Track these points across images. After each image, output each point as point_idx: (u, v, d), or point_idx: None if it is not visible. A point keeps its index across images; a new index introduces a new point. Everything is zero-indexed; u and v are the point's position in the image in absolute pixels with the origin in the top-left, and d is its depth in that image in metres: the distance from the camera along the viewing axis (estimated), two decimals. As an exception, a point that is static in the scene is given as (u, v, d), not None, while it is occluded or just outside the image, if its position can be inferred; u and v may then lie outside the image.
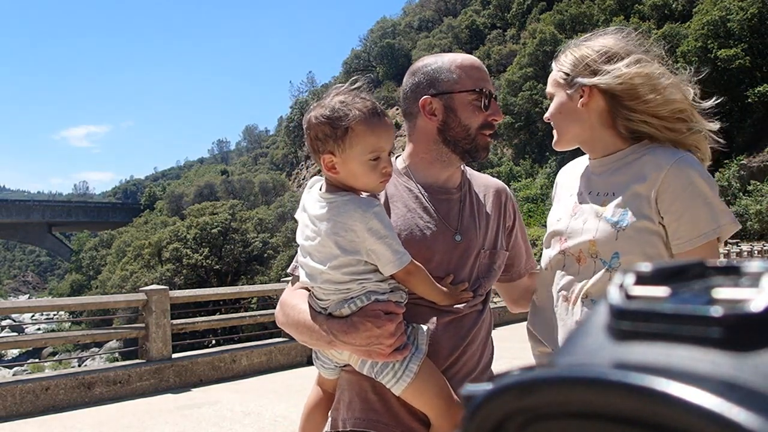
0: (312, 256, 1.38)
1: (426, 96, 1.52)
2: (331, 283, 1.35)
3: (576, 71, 1.54)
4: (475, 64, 1.56)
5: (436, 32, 63.46)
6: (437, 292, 1.42)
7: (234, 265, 36.88)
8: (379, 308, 1.33)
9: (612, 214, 1.51)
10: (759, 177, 29.73)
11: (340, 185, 1.37)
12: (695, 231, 1.43)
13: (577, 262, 1.57)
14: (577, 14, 43.07)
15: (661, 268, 0.28)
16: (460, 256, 1.50)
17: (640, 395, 0.21)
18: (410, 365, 1.34)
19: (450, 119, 1.51)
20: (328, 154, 1.33)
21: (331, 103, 1.34)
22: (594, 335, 0.26)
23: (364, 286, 1.34)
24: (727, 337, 0.22)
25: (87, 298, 8.63)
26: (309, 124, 1.36)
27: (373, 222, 1.30)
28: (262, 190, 56.30)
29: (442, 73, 1.52)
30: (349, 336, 1.32)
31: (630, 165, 1.54)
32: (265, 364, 7.69)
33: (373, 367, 1.36)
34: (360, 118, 1.31)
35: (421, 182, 1.55)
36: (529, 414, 0.24)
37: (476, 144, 1.52)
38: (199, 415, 5.70)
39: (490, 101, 1.52)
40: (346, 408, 1.46)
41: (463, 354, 1.46)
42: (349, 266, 1.33)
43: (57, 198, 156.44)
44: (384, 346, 1.32)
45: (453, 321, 1.46)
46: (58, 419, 5.71)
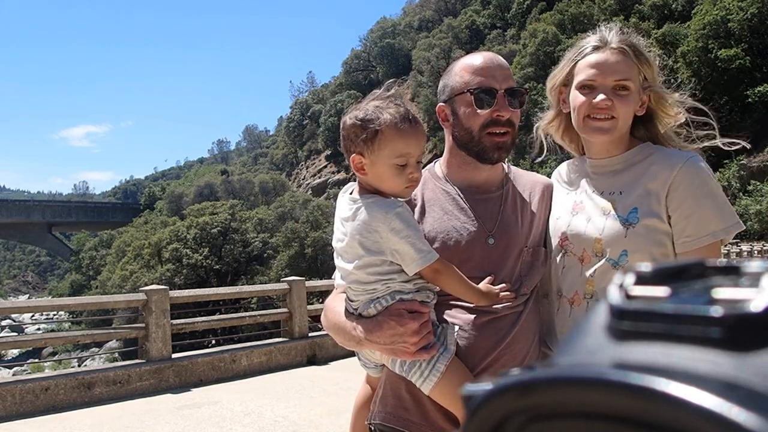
0: (342, 257, 1.43)
1: (440, 104, 1.55)
2: (359, 284, 1.40)
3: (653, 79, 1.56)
4: (477, 62, 1.52)
5: (436, 32, 63.39)
6: (472, 292, 1.42)
7: (234, 265, 36.87)
8: (402, 307, 1.36)
9: (621, 211, 1.52)
10: (759, 177, 29.70)
11: (369, 187, 1.42)
12: (704, 230, 1.45)
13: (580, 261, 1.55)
14: (578, 14, 43.05)
15: (661, 268, 0.28)
16: (498, 257, 1.49)
17: (640, 395, 0.21)
18: (437, 365, 1.36)
19: (456, 124, 1.52)
20: (358, 155, 1.38)
21: (367, 106, 1.39)
22: (594, 335, 0.26)
23: (388, 286, 1.38)
24: (727, 337, 0.22)
25: (87, 298, 8.62)
26: (343, 125, 1.41)
27: (395, 222, 1.34)
28: (262, 190, 56.27)
29: (451, 77, 1.53)
30: (374, 335, 1.36)
31: (637, 165, 1.55)
32: (265, 364, 7.69)
33: (403, 366, 1.39)
34: (390, 123, 1.35)
35: (459, 184, 1.55)
36: (529, 414, 0.24)
37: (483, 145, 1.49)
38: (199, 415, 5.70)
39: (496, 97, 1.47)
40: (380, 401, 1.50)
41: (502, 355, 1.44)
42: (374, 266, 1.37)
43: (57, 198, 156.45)
44: (408, 345, 1.34)
45: (491, 321, 1.44)
46: (58, 419, 5.71)
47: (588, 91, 1.53)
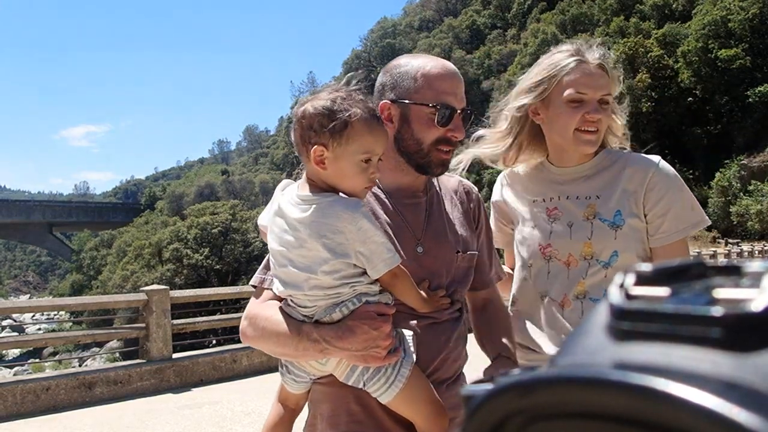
0: (294, 262, 1.30)
1: (386, 100, 1.46)
2: (319, 289, 1.29)
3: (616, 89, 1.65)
4: (444, 73, 1.45)
5: (437, 32, 63.44)
6: (419, 298, 1.38)
7: (234, 265, 36.89)
8: (371, 309, 1.29)
9: (606, 215, 1.59)
10: (759, 177, 29.71)
11: (323, 185, 1.31)
12: (678, 226, 1.59)
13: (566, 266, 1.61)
14: (578, 14, 43.07)
15: (662, 268, 0.28)
16: (429, 264, 1.44)
17: (640, 395, 0.21)
18: (402, 370, 1.31)
19: (404, 129, 1.44)
20: (320, 146, 1.27)
21: (332, 96, 1.30)
22: (594, 335, 0.26)
23: (355, 289, 1.29)
24: (727, 337, 0.22)
25: (87, 298, 8.62)
26: (304, 113, 1.30)
27: (362, 222, 1.26)
28: (263, 190, 56.34)
29: (405, 79, 1.45)
30: (344, 341, 1.27)
31: (607, 170, 1.64)
32: (266, 364, 7.68)
33: (363, 375, 1.31)
34: (360, 117, 1.27)
35: (387, 188, 1.48)
36: (529, 414, 0.24)
37: (430, 159, 1.44)
38: (200, 415, 5.70)
39: (453, 117, 1.43)
40: (328, 422, 1.39)
41: (445, 360, 1.43)
42: (340, 270, 1.28)
43: (57, 198, 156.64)
44: (380, 349, 1.28)
45: (433, 326, 1.42)
46: (59, 419, 5.71)
47: (577, 105, 1.58)
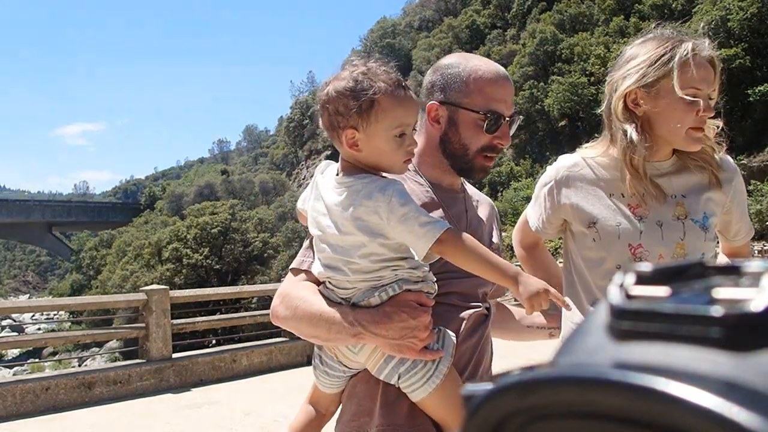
0: (334, 247, 1.26)
1: (434, 102, 1.44)
2: (360, 273, 1.25)
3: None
4: (496, 79, 1.42)
5: (437, 32, 63.41)
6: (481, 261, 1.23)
7: (234, 265, 36.87)
8: (411, 298, 1.24)
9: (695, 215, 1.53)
10: (759, 177, 29.69)
11: (361, 166, 1.26)
12: (749, 227, 1.71)
13: None
14: (577, 14, 43.04)
15: (662, 268, 0.28)
16: None
17: (640, 395, 0.21)
18: (440, 367, 1.25)
19: (451, 132, 1.43)
20: (351, 129, 1.22)
21: (353, 75, 1.23)
22: (594, 335, 0.26)
23: (396, 273, 1.25)
24: (727, 337, 0.22)
25: (87, 298, 8.63)
26: (328, 97, 1.24)
27: (394, 200, 1.19)
28: (263, 190, 56.32)
29: (456, 81, 1.42)
30: (381, 327, 1.21)
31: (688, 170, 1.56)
32: (265, 364, 7.69)
33: (398, 368, 1.26)
34: (386, 90, 1.22)
35: (428, 180, 1.48)
36: (529, 414, 0.24)
37: (473, 165, 1.44)
38: (199, 415, 5.70)
39: (501, 124, 1.41)
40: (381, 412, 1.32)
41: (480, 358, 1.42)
42: (379, 254, 1.23)
43: (57, 198, 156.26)
44: (417, 340, 1.22)
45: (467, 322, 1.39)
46: (58, 419, 5.71)
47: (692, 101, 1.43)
